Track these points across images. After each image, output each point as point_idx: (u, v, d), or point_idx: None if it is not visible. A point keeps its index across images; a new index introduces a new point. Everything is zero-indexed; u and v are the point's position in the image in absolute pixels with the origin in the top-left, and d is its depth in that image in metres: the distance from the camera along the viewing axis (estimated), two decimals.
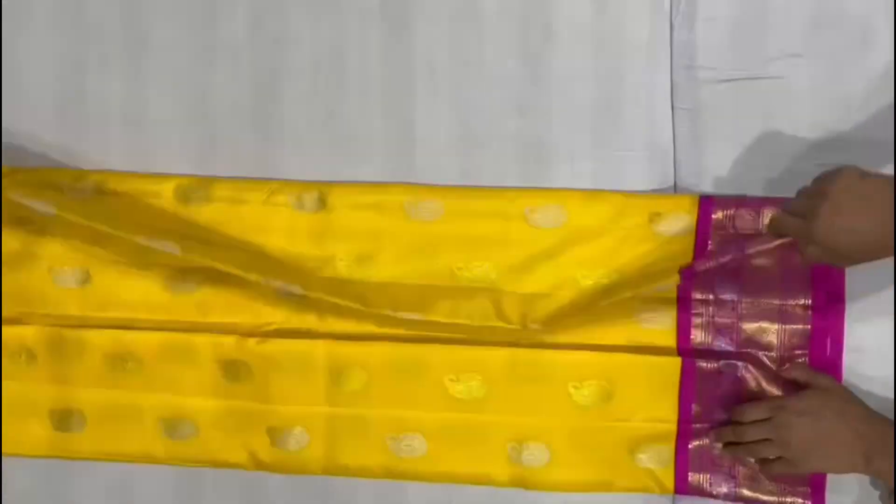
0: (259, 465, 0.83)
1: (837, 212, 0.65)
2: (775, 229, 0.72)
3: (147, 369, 0.83)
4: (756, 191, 0.80)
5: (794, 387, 0.77)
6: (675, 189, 0.82)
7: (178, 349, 0.83)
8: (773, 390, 0.78)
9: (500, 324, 0.79)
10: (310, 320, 0.83)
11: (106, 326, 0.84)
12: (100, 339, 0.83)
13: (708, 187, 0.81)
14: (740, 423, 0.76)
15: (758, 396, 0.77)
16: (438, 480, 0.82)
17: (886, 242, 0.64)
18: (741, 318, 0.79)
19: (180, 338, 0.83)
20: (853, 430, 0.70)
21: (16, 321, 0.84)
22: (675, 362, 0.79)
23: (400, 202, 0.82)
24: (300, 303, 0.82)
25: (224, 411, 0.83)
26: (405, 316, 0.79)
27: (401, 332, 0.82)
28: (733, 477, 0.79)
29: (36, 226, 0.83)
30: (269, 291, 0.82)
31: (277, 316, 0.83)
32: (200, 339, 0.82)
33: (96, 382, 0.84)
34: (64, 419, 0.84)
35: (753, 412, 0.75)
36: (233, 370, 0.83)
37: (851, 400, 0.74)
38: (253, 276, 0.79)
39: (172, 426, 0.83)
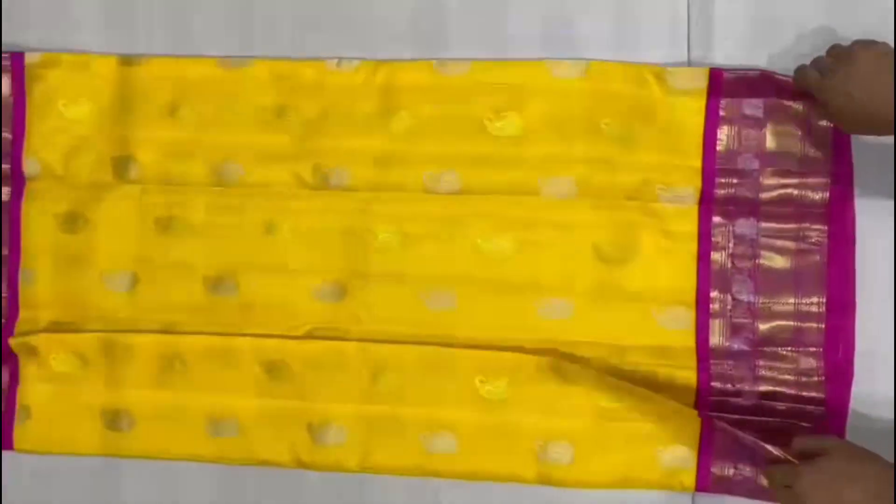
0: (299, 464, 0.85)
1: (850, 79, 0.70)
2: (797, 80, 0.76)
3: (192, 371, 0.86)
4: None
5: (806, 430, 0.79)
6: None
7: (221, 351, 0.85)
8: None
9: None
10: (345, 321, 0.85)
11: (153, 330, 0.86)
12: (148, 343, 0.86)
13: None
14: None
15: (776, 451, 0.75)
16: (468, 478, 0.83)
17: (885, 117, 0.68)
18: (757, 317, 0.81)
19: (223, 340, 0.85)
20: (867, 492, 0.69)
21: (70, 326, 0.87)
22: (693, 413, 0.79)
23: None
24: (336, 305, 0.85)
25: (266, 410, 0.85)
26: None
27: (432, 332, 0.84)
28: (753, 479, 0.80)
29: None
30: (306, 294, 0.85)
31: (314, 318, 0.85)
32: (242, 341, 0.85)
33: (145, 384, 0.86)
34: (114, 419, 0.87)
35: (775, 477, 0.74)
36: (274, 370, 0.85)
37: (860, 457, 0.72)
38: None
39: (217, 425, 0.86)
